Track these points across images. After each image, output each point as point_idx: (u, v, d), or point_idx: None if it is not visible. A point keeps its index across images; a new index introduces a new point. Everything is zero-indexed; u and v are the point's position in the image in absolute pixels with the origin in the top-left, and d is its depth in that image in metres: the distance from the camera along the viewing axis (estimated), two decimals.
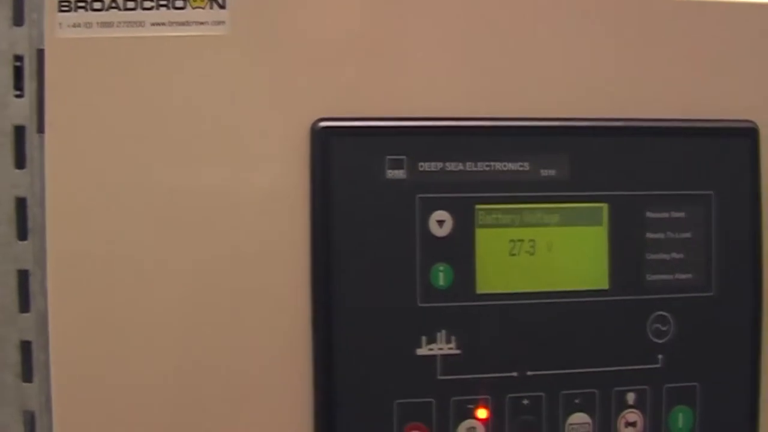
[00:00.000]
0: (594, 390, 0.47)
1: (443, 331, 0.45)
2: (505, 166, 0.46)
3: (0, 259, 0.53)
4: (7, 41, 0.50)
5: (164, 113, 0.44)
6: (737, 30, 0.49)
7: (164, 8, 0.44)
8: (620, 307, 0.47)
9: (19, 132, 0.51)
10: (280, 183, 0.45)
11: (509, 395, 0.46)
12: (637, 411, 0.47)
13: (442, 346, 0.45)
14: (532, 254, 0.46)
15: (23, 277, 0.53)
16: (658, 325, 0.47)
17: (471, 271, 0.46)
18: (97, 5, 0.44)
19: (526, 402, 0.46)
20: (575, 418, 0.47)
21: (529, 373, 0.46)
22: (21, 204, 0.51)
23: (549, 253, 0.46)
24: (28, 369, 0.54)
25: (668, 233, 0.47)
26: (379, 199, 0.45)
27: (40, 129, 0.45)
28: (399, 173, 0.45)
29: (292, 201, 0.45)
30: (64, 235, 0.44)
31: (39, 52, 0.45)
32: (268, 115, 0.45)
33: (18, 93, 0.51)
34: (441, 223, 0.46)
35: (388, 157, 0.45)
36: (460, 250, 0.46)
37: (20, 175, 0.51)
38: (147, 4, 0.44)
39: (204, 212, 0.45)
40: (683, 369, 0.47)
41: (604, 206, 0.47)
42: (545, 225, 0.46)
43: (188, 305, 0.44)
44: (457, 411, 0.46)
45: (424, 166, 0.45)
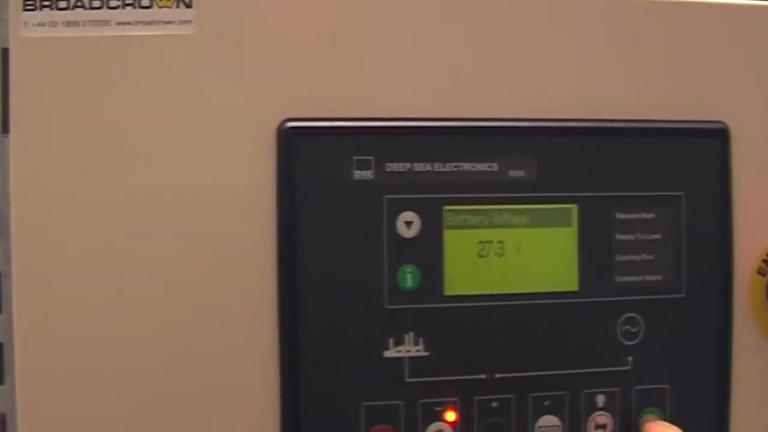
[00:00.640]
0: (563, 392, 0.46)
1: (411, 333, 0.45)
2: (473, 166, 0.46)
3: None
4: None
5: (130, 113, 0.44)
6: (707, 30, 0.49)
7: (130, 7, 0.44)
8: (590, 309, 0.47)
9: None
10: (247, 184, 0.45)
11: (478, 397, 0.46)
12: (607, 413, 0.47)
13: (409, 348, 0.45)
14: (500, 255, 0.46)
15: None
16: (627, 327, 0.47)
17: (439, 273, 0.45)
18: (62, 4, 0.44)
19: (494, 404, 0.46)
20: (545, 420, 0.46)
21: (497, 375, 0.46)
22: None
23: (518, 255, 0.46)
24: (0, 371, 0.54)
25: (638, 234, 0.47)
26: (346, 199, 0.45)
27: (5, 129, 0.45)
28: (366, 174, 0.45)
29: (258, 202, 0.45)
30: (31, 235, 0.44)
31: (3, 51, 0.45)
32: (236, 115, 0.45)
33: None
34: (409, 224, 0.45)
35: (355, 157, 0.45)
36: (428, 251, 0.45)
37: None
38: (113, 3, 0.44)
39: (170, 212, 0.44)
40: (653, 371, 0.47)
41: (574, 207, 0.47)
42: (514, 226, 0.46)
43: (154, 306, 0.44)
44: (425, 413, 0.45)
45: (392, 166, 0.45)
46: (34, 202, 0.44)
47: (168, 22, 0.44)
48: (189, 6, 0.44)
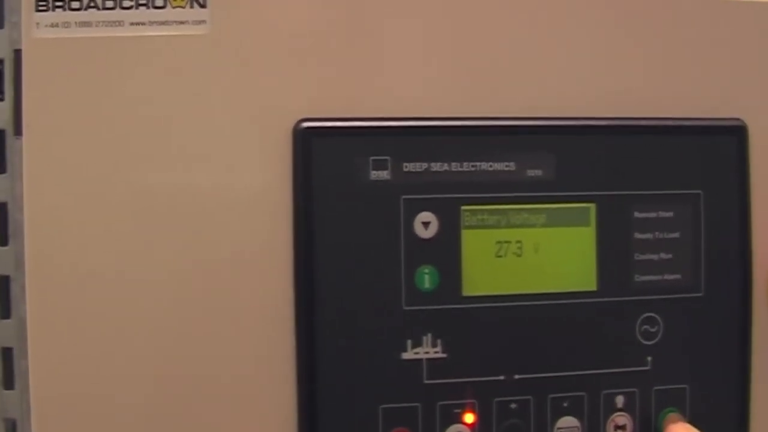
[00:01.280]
0: (582, 393, 0.46)
1: (429, 335, 0.45)
2: (490, 166, 0.46)
3: None
4: None
5: (144, 114, 0.44)
6: (726, 28, 0.48)
7: (144, 7, 0.44)
8: (608, 309, 0.46)
9: None
10: (263, 184, 0.44)
11: (496, 399, 0.45)
12: (626, 414, 0.47)
13: (428, 350, 0.45)
14: (519, 256, 0.46)
15: (4, 282, 0.52)
16: (646, 327, 0.47)
17: (457, 273, 0.45)
18: (75, 5, 0.43)
19: (513, 406, 0.46)
20: (564, 421, 0.46)
21: (516, 376, 0.46)
22: (1, 209, 0.50)
23: (536, 255, 0.46)
24: (9, 376, 0.53)
25: (656, 233, 0.47)
26: (362, 200, 0.44)
27: (18, 131, 0.44)
28: (383, 174, 0.45)
29: (274, 203, 0.44)
30: (43, 239, 0.43)
31: (16, 52, 0.44)
32: (250, 116, 0.44)
33: None
34: (426, 224, 0.45)
35: (371, 157, 0.44)
36: (445, 251, 0.45)
37: (0, 179, 0.50)
38: (126, 3, 0.44)
39: (186, 215, 0.44)
40: (672, 371, 0.47)
41: (592, 206, 0.46)
42: (532, 226, 0.46)
43: (169, 309, 0.44)
44: (444, 415, 0.45)
45: (409, 166, 0.45)
46: (47, 205, 0.43)
47: (182, 22, 0.44)
48: (203, 6, 0.44)
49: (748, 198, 0.48)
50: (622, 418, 0.47)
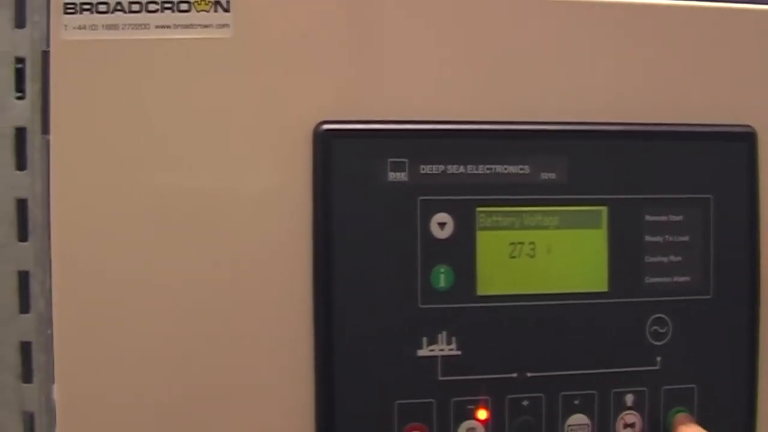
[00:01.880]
0: (593, 391, 0.47)
1: (444, 333, 0.46)
2: (505, 169, 0.46)
3: (0, 260, 0.54)
4: (9, 43, 0.50)
5: (168, 115, 0.45)
6: (736, 34, 0.49)
7: (169, 11, 0.45)
8: (619, 310, 0.47)
9: (20, 134, 0.51)
10: (283, 185, 0.45)
11: (509, 396, 0.46)
12: (635, 412, 0.47)
13: (442, 347, 0.46)
14: (532, 257, 0.47)
15: (23, 278, 0.53)
16: (656, 328, 0.48)
17: (472, 273, 0.46)
18: (102, 8, 0.44)
19: (525, 403, 0.46)
20: (574, 419, 0.47)
21: (528, 374, 0.47)
22: (22, 205, 0.51)
23: (549, 256, 0.47)
24: (27, 370, 0.54)
25: (667, 236, 0.48)
26: (380, 201, 0.45)
27: (45, 130, 0.45)
28: (401, 176, 0.46)
29: (294, 203, 0.45)
30: (69, 236, 0.44)
31: (44, 53, 0.45)
32: (272, 118, 0.45)
33: (19, 95, 0.51)
34: (442, 225, 0.46)
35: (390, 159, 0.45)
36: (461, 252, 0.46)
37: (21, 176, 0.51)
38: (152, 6, 0.45)
39: (207, 215, 0.45)
40: (681, 371, 0.48)
41: (604, 209, 0.47)
42: (545, 228, 0.47)
43: (190, 307, 0.45)
44: (458, 412, 0.46)
45: (426, 168, 0.46)
46: (73, 203, 0.44)
47: (206, 26, 0.45)
48: (227, 10, 0.45)
49: (757, 202, 0.49)
50: (631, 417, 0.47)
